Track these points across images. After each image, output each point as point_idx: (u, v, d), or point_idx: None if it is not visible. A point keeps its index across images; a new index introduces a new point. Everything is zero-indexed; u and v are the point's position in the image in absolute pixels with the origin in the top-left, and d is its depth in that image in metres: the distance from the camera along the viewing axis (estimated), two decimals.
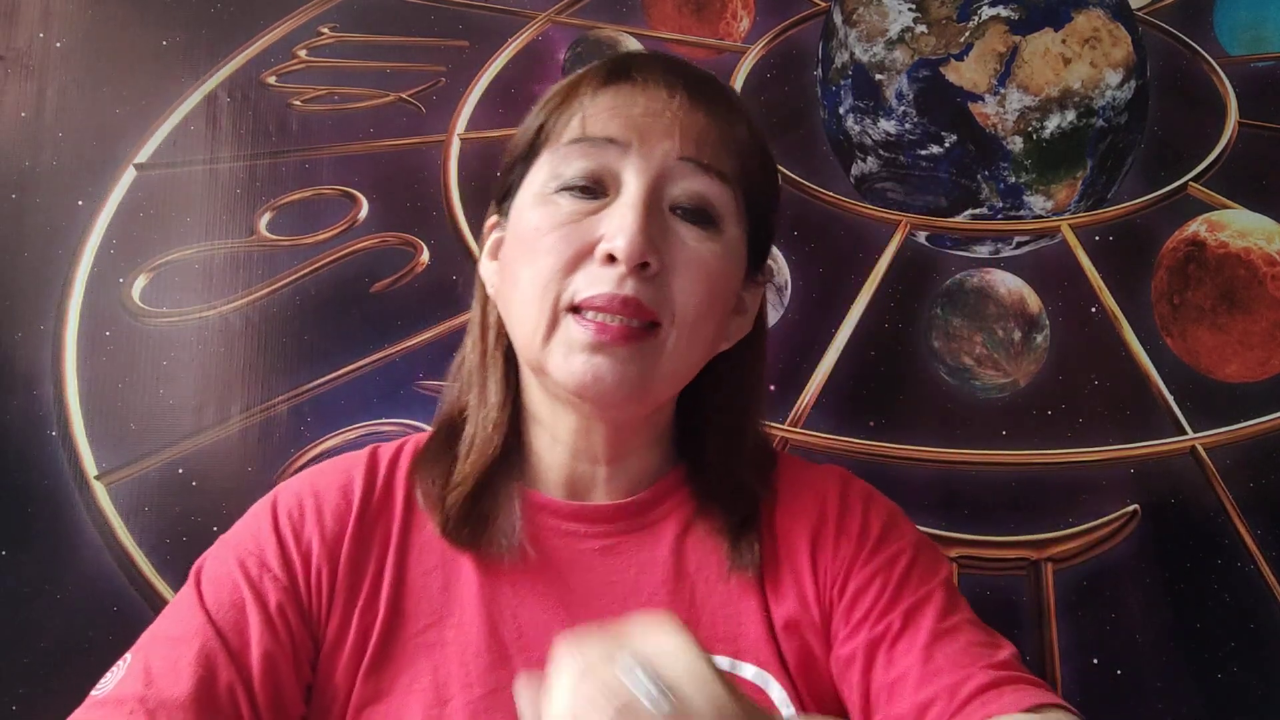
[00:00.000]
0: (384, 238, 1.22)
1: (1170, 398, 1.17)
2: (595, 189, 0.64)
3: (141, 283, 1.19)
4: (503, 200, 0.70)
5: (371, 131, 1.25)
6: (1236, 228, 1.20)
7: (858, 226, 1.24)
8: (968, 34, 1.25)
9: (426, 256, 1.21)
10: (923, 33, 1.26)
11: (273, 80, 1.25)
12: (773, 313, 1.19)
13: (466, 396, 0.71)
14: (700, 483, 0.70)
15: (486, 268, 0.71)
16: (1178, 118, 1.25)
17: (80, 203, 1.20)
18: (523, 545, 0.66)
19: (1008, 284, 1.22)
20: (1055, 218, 1.24)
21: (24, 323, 1.17)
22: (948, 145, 1.24)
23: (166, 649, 0.60)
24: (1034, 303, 1.21)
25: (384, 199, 1.23)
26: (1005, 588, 1.13)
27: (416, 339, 1.19)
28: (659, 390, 0.66)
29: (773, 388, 1.17)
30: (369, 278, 1.21)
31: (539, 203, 0.65)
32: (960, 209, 1.24)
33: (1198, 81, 1.26)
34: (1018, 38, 1.25)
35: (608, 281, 0.61)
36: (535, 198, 0.66)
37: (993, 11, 1.26)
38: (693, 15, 1.29)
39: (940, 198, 1.24)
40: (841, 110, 1.27)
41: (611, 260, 0.62)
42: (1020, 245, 1.23)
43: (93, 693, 0.60)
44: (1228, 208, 1.22)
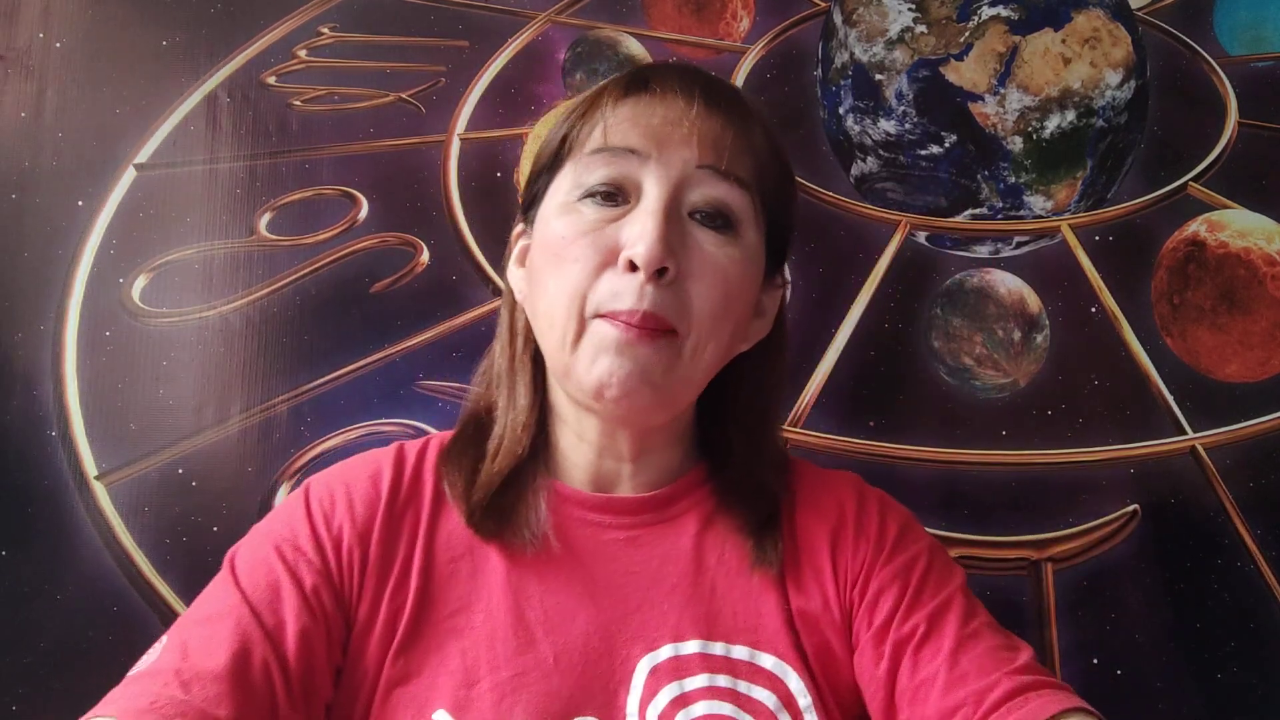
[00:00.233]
0: (384, 238, 1.22)
1: (1170, 398, 1.17)
2: (617, 196, 0.66)
3: (141, 283, 1.19)
4: (528, 209, 0.73)
5: (371, 131, 1.25)
6: (1236, 228, 1.20)
7: (858, 226, 1.24)
8: (968, 34, 1.25)
9: (426, 256, 1.21)
10: (922, 33, 1.26)
11: (273, 80, 1.25)
12: None
13: (494, 395, 0.74)
14: (721, 480, 0.72)
15: (514, 274, 0.74)
16: (1178, 118, 1.25)
17: (80, 203, 1.20)
18: (548, 535, 0.68)
19: (1008, 284, 1.22)
20: (1055, 218, 1.24)
21: (24, 323, 1.17)
22: (948, 145, 1.24)
23: (202, 627, 0.62)
24: (1034, 303, 1.21)
25: (384, 199, 1.23)
26: (1006, 588, 1.13)
27: (416, 339, 1.19)
28: (679, 394, 0.68)
29: None
30: (369, 278, 1.21)
31: (564, 211, 0.67)
32: (960, 209, 1.24)
33: (1198, 81, 1.26)
34: (1018, 38, 1.25)
35: (628, 295, 0.63)
36: (560, 206, 0.68)
37: (993, 11, 1.26)
38: (693, 15, 1.29)
39: (940, 198, 1.24)
40: (841, 110, 1.27)
41: (633, 267, 0.64)
42: (1020, 245, 1.23)
43: (129, 673, 0.61)
44: (1228, 208, 1.22)
